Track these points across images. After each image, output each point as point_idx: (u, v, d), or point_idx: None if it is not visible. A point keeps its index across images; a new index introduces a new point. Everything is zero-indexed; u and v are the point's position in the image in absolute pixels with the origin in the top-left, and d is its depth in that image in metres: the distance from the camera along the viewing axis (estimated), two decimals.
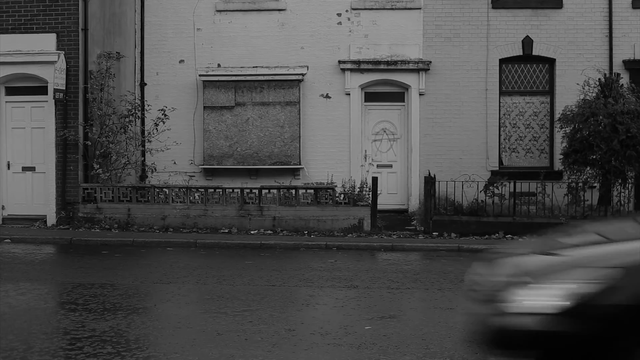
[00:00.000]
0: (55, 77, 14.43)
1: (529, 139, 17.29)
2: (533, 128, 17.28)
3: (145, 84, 17.29)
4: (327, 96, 17.17)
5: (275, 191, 14.67)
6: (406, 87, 17.13)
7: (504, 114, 17.25)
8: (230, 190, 14.69)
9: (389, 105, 17.31)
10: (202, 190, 14.72)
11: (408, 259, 11.88)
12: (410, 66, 16.94)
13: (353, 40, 17.15)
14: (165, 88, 17.28)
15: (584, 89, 15.22)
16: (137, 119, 16.14)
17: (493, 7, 16.96)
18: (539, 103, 17.27)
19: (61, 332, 6.61)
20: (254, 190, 14.59)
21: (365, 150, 17.29)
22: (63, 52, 14.78)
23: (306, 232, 14.10)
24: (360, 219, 14.22)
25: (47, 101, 14.97)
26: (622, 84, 15.28)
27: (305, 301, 8.31)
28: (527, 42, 16.91)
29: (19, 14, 14.97)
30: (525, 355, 4.36)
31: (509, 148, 17.33)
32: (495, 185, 14.53)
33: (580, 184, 14.64)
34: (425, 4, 17.03)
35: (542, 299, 4.27)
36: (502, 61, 17.10)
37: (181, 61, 17.33)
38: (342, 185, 15.22)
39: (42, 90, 15.07)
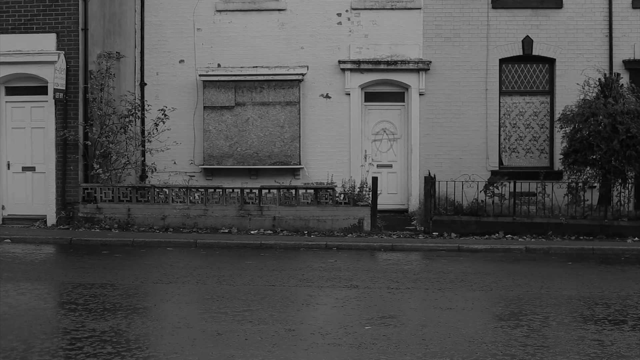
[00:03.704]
0: (55, 77, 14.43)
1: (529, 139, 17.29)
2: (533, 128, 17.29)
3: (145, 84, 17.29)
4: (327, 96, 17.17)
5: (275, 191, 14.67)
6: (406, 87, 17.13)
7: (504, 114, 17.26)
8: (230, 190, 14.69)
9: (389, 105, 17.32)
10: (202, 190, 14.72)
11: (408, 259, 11.88)
12: (410, 66, 16.95)
13: (353, 40, 17.15)
14: (165, 88, 17.28)
15: (584, 89, 15.22)
16: (137, 119, 16.14)
17: (493, 7, 16.96)
18: (539, 103, 17.27)
19: (61, 332, 6.61)
20: (254, 190, 14.59)
21: (365, 150, 17.29)
22: (63, 52, 14.78)
23: (306, 232, 14.10)
24: (360, 219, 14.22)
25: (47, 101, 14.97)
26: (622, 84, 15.28)
27: (305, 301, 8.31)
28: (527, 42, 16.91)
29: (19, 14, 14.98)
30: None
31: (509, 148, 17.33)
32: (495, 185, 14.53)
33: (580, 184, 14.64)
34: (425, 4, 17.03)
35: None
36: (502, 61, 17.11)
37: (181, 61, 17.33)
38: (342, 185, 15.22)
39: (42, 90, 15.07)
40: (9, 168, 15.31)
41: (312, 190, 14.57)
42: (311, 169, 17.02)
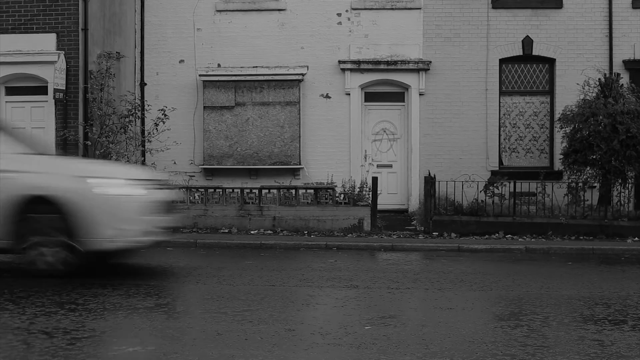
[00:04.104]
0: (55, 77, 14.43)
1: (529, 139, 17.30)
2: (533, 128, 17.29)
3: (145, 84, 17.30)
4: (327, 96, 17.17)
5: (275, 191, 14.67)
6: (406, 87, 17.13)
7: (504, 114, 17.26)
8: (230, 190, 14.69)
9: (389, 105, 17.32)
10: (202, 190, 14.72)
11: (408, 259, 11.88)
12: (410, 66, 16.95)
13: (353, 40, 17.15)
14: (165, 88, 17.28)
15: (584, 89, 15.23)
16: (137, 119, 16.15)
17: (493, 7, 16.96)
18: (539, 103, 17.28)
19: (61, 332, 6.61)
20: (254, 190, 14.59)
21: (365, 150, 17.29)
22: (63, 52, 14.79)
23: (306, 232, 14.10)
24: (360, 219, 14.22)
25: (47, 101, 14.98)
26: (622, 84, 15.30)
27: (305, 301, 8.31)
28: (527, 42, 16.92)
29: (19, 14, 14.99)
30: None
31: (509, 148, 17.33)
32: (495, 185, 14.53)
33: (580, 184, 14.65)
34: (425, 4, 17.03)
35: None
36: (502, 61, 17.11)
37: (181, 61, 17.33)
38: (342, 185, 15.23)
39: (42, 90, 15.08)
40: None
41: (312, 190, 14.58)
42: (311, 169, 17.02)
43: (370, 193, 14.73)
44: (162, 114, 15.58)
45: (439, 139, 17.00)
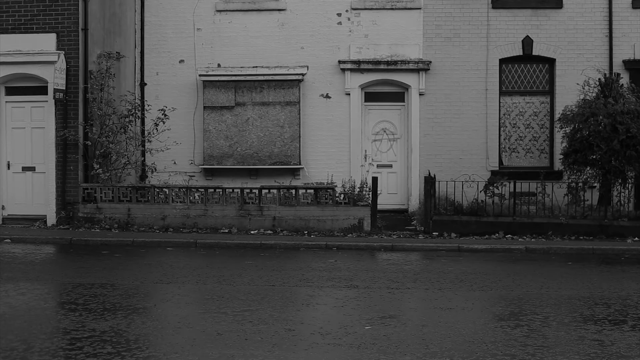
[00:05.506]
0: (55, 77, 14.43)
1: (529, 139, 17.29)
2: (533, 128, 17.29)
3: (145, 84, 17.29)
4: (327, 96, 17.17)
5: (275, 191, 14.67)
6: (406, 87, 17.13)
7: (504, 114, 17.25)
8: (230, 190, 14.69)
9: (389, 105, 17.31)
10: (202, 190, 14.72)
11: (408, 259, 11.88)
12: (410, 66, 16.94)
13: (353, 40, 17.15)
14: (165, 88, 17.28)
15: (584, 89, 15.23)
16: (137, 119, 16.15)
17: (493, 7, 16.96)
18: (539, 103, 17.27)
19: (61, 332, 6.61)
20: (254, 190, 14.60)
21: (365, 150, 17.29)
22: (63, 52, 14.78)
23: (306, 232, 14.11)
24: (360, 219, 14.22)
25: (47, 101, 14.97)
26: (622, 84, 15.28)
27: (305, 301, 8.32)
28: (527, 42, 16.91)
29: (19, 14, 14.98)
30: None
31: (509, 148, 17.33)
32: (495, 185, 14.53)
33: (580, 184, 14.64)
34: (425, 4, 17.03)
35: None
36: (502, 61, 17.11)
37: (181, 61, 17.33)
38: (342, 185, 15.23)
39: (42, 90, 15.07)
40: (9, 168, 15.31)
41: (312, 190, 14.57)
42: (311, 169, 17.02)
43: (370, 193, 14.72)
44: (162, 114, 15.57)
45: (439, 139, 16.99)
